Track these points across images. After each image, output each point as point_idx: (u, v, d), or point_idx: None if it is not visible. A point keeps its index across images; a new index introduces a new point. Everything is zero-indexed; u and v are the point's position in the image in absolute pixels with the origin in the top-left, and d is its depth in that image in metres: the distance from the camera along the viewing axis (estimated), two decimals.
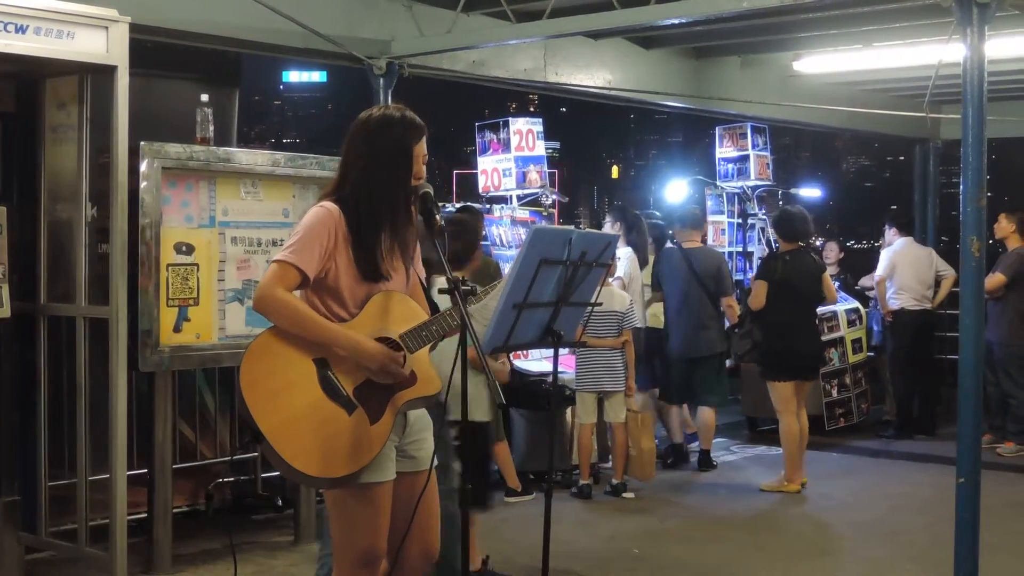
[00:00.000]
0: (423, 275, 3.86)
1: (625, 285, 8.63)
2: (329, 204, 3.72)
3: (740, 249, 12.31)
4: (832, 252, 12.43)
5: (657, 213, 11.78)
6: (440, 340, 3.72)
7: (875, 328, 11.26)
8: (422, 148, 3.78)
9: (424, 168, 3.79)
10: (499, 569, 6.25)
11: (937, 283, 10.68)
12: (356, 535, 3.72)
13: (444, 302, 3.71)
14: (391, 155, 3.73)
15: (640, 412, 8.43)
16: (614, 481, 8.31)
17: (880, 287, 10.75)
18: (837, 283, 11.90)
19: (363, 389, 3.65)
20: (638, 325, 8.49)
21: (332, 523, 3.83)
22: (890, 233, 10.91)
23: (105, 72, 5.62)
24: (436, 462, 3.85)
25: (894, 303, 10.62)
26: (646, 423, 8.39)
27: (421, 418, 3.86)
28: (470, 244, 5.79)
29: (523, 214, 10.12)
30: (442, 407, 4.08)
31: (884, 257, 10.81)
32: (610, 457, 8.59)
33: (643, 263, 9.14)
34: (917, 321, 10.56)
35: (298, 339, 3.63)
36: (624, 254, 8.81)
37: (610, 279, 8.11)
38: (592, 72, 10.01)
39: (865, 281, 11.83)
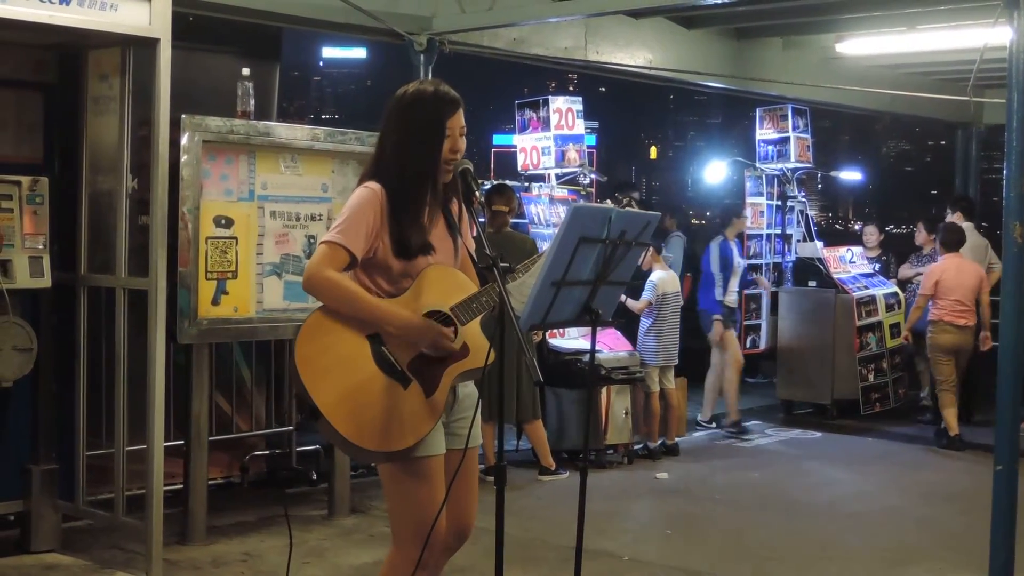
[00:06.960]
0: (472, 247, 3.84)
1: None
2: (373, 184, 3.71)
3: (779, 231, 12.24)
4: (872, 236, 12.30)
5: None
6: (491, 312, 3.71)
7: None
8: (458, 121, 3.74)
9: (463, 141, 3.76)
10: (533, 548, 6.26)
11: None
12: (412, 510, 3.71)
13: None
14: (424, 130, 3.70)
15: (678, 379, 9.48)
16: (651, 444, 9.04)
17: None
18: (878, 265, 11.78)
19: (417, 363, 3.65)
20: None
21: (388, 501, 3.84)
22: (953, 217, 10.65)
23: (147, 45, 5.63)
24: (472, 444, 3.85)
25: None
26: (682, 387, 9.63)
27: (470, 395, 3.86)
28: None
29: (562, 192, 10.09)
30: None
31: None
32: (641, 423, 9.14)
33: None
34: None
35: (350, 316, 3.65)
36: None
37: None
38: (632, 51, 9.96)
39: (904, 271, 11.62)
